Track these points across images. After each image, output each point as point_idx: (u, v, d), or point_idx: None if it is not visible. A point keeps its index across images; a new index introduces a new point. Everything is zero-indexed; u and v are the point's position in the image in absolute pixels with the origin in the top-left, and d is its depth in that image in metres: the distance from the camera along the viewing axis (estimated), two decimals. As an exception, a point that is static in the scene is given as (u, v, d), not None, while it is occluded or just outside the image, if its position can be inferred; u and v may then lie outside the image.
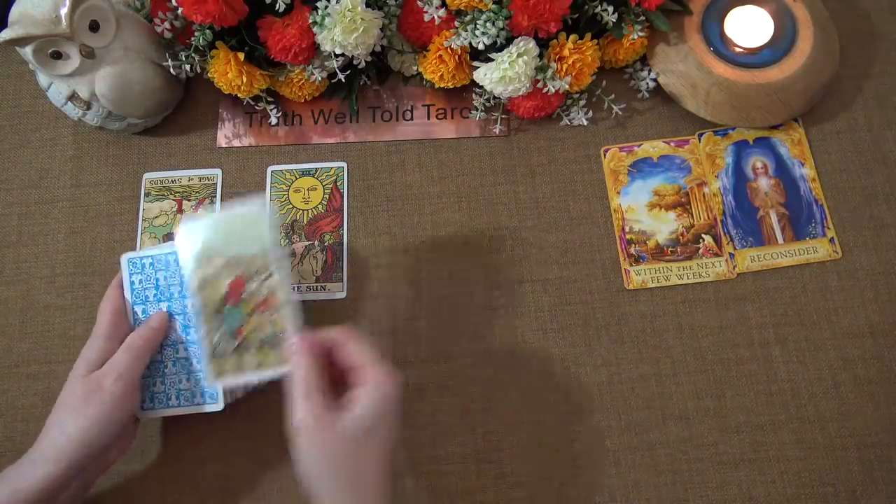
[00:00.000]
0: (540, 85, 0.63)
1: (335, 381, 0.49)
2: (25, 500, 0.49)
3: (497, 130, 0.70)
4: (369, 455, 0.46)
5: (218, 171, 0.70)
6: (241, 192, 0.69)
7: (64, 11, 0.58)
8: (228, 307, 0.52)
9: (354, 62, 0.65)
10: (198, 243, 0.53)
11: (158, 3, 0.64)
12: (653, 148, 0.68)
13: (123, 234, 0.69)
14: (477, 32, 0.61)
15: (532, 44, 0.62)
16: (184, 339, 0.56)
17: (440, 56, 0.64)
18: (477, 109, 0.68)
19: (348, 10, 0.59)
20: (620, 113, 0.68)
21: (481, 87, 0.65)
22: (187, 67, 0.65)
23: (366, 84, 0.71)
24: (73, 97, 0.64)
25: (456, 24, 0.63)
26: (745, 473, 0.59)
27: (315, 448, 0.46)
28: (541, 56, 0.63)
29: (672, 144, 0.68)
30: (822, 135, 0.68)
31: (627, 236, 0.66)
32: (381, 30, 0.64)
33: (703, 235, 0.65)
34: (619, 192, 0.67)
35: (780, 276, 0.64)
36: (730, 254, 0.65)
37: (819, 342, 0.62)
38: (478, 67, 0.64)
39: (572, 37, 0.63)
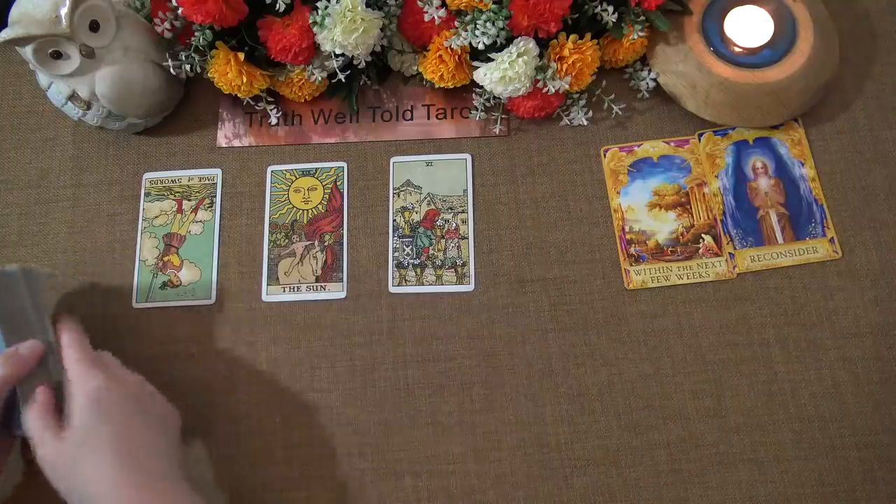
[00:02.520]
0: (540, 85, 0.63)
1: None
2: None
3: (497, 130, 0.70)
4: (98, 457, 0.49)
5: (218, 171, 0.70)
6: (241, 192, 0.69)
7: (64, 11, 0.58)
8: None
9: (354, 62, 0.65)
10: None
11: (158, 3, 0.64)
12: (653, 148, 0.68)
13: (123, 234, 0.69)
14: (477, 32, 0.61)
15: (532, 44, 0.62)
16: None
17: (440, 56, 0.64)
18: (477, 109, 0.68)
19: (348, 10, 0.59)
20: (620, 113, 0.68)
21: (481, 87, 0.65)
22: (187, 67, 0.65)
23: (366, 84, 0.71)
24: (73, 97, 0.64)
25: (456, 24, 0.63)
26: (745, 473, 0.59)
27: (56, 472, 0.50)
28: (541, 56, 0.63)
29: (672, 144, 0.68)
30: (822, 135, 0.68)
31: (627, 236, 0.66)
32: (381, 30, 0.64)
33: (703, 235, 0.65)
34: (619, 192, 0.67)
35: (780, 276, 0.64)
36: (730, 254, 0.65)
37: (819, 342, 0.62)
38: (478, 67, 0.64)
39: (572, 37, 0.63)
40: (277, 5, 0.60)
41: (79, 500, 0.49)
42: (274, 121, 0.70)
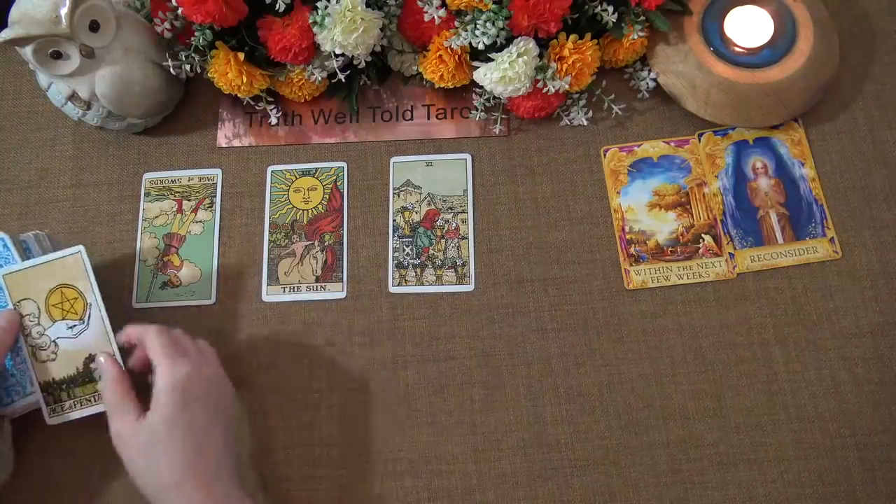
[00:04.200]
0: (540, 85, 0.63)
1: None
2: None
3: (497, 130, 0.70)
4: (177, 443, 0.51)
5: (218, 171, 0.70)
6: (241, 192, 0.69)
7: (64, 11, 0.58)
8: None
9: (354, 62, 0.65)
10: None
11: (158, 3, 0.64)
12: (653, 148, 0.68)
13: (123, 234, 0.69)
14: (477, 32, 0.61)
15: (532, 44, 0.62)
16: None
17: (440, 56, 0.64)
18: (477, 109, 0.68)
19: (348, 10, 0.59)
20: (620, 113, 0.68)
21: (481, 87, 0.65)
22: (187, 67, 0.65)
23: (366, 84, 0.71)
24: (73, 97, 0.64)
25: (456, 24, 0.63)
26: (745, 473, 0.59)
27: (132, 452, 0.52)
28: (541, 56, 0.63)
29: (672, 144, 0.68)
30: (822, 135, 0.68)
31: (627, 236, 0.66)
32: (381, 30, 0.64)
33: (703, 235, 0.65)
34: (619, 192, 0.67)
35: (780, 276, 0.64)
36: (730, 254, 0.65)
37: (819, 342, 0.62)
38: (478, 67, 0.64)
39: (572, 37, 0.63)
40: (277, 5, 0.60)
41: (142, 480, 0.52)
42: (274, 121, 0.70)
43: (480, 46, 0.62)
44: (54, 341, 0.58)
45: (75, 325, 0.58)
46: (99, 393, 0.57)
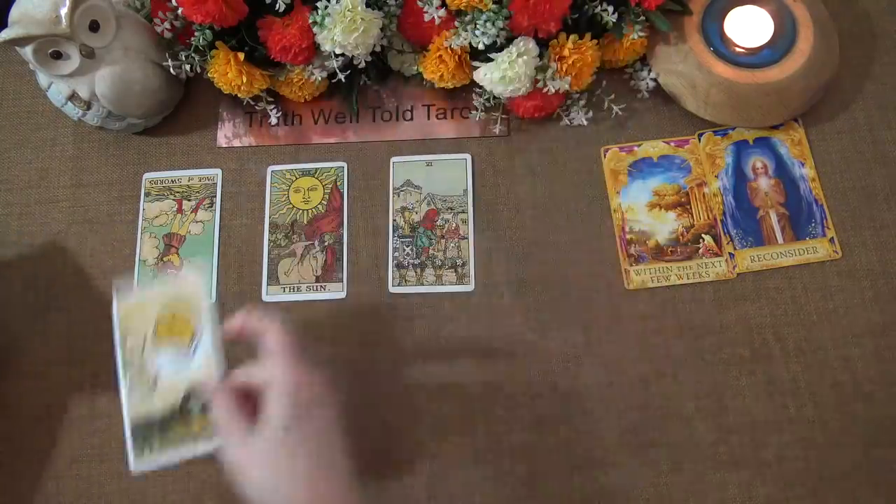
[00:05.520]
0: (540, 85, 0.63)
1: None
2: None
3: (497, 130, 0.70)
4: (298, 455, 0.46)
5: (218, 171, 0.70)
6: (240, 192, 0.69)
7: (64, 11, 0.58)
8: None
9: (354, 62, 0.65)
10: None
11: (158, 3, 0.64)
12: (653, 148, 0.68)
13: (123, 234, 0.69)
14: (477, 32, 0.61)
15: (532, 44, 0.62)
16: None
17: (440, 56, 0.64)
18: (477, 109, 0.68)
19: (348, 10, 0.59)
20: (620, 113, 0.68)
21: (481, 87, 0.65)
22: (187, 67, 0.65)
23: (366, 84, 0.71)
24: (73, 97, 0.64)
25: (456, 24, 0.63)
26: (745, 473, 0.59)
27: (250, 471, 0.47)
28: (541, 56, 0.63)
29: (672, 144, 0.68)
30: (822, 135, 0.68)
31: (627, 236, 0.66)
32: (381, 30, 0.64)
33: (703, 235, 0.65)
34: (619, 192, 0.67)
35: (780, 276, 0.64)
36: (730, 254, 0.65)
37: (819, 342, 0.62)
38: (478, 67, 0.64)
39: (572, 37, 0.63)
40: (277, 5, 0.60)
41: (260, 497, 0.46)
42: (274, 121, 0.70)
43: (480, 46, 0.62)
44: (157, 372, 0.51)
45: (180, 353, 0.51)
46: (194, 434, 0.50)
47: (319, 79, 0.66)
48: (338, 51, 0.62)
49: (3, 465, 0.62)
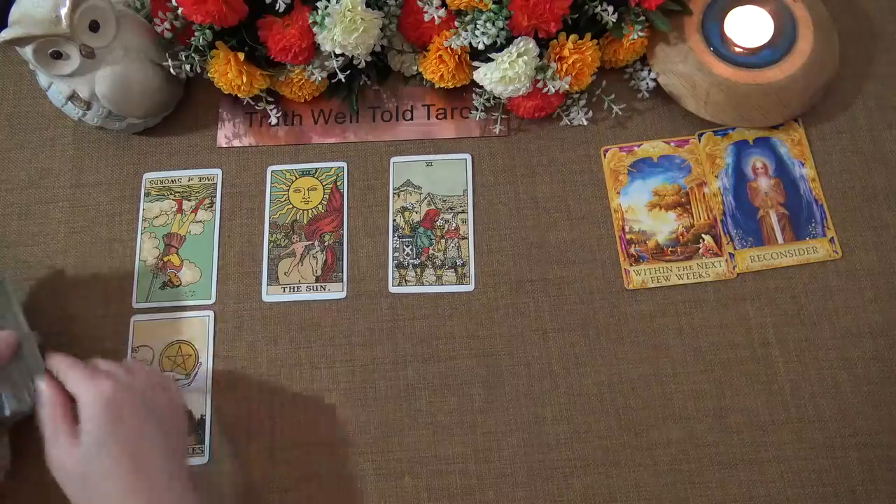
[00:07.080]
0: (540, 85, 0.63)
1: None
2: None
3: (497, 130, 0.70)
4: (112, 461, 0.49)
5: (218, 171, 0.70)
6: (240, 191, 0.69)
7: (64, 11, 0.58)
8: None
9: (354, 62, 0.65)
10: None
11: (158, 3, 0.64)
12: (653, 148, 0.68)
13: (123, 234, 0.69)
14: (477, 32, 0.61)
15: (532, 44, 0.62)
16: None
17: (440, 56, 0.64)
18: (477, 109, 0.68)
19: (348, 10, 0.59)
20: (620, 113, 0.68)
21: (481, 87, 0.65)
22: (187, 67, 0.65)
23: (366, 84, 0.71)
24: (73, 97, 0.64)
25: (456, 23, 0.63)
26: (745, 473, 0.59)
27: (67, 477, 0.49)
28: (541, 56, 0.63)
29: (672, 144, 0.68)
30: (822, 135, 0.68)
31: (627, 236, 0.66)
32: (381, 30, 0.64)
33: (703, 235, 0.65)
34: (619, 192, 0.67)
35: (780, 276, 0.64)
36: (730, 254, 0.65)
37: (819, 342, 0.62)
38: (478, 67, 0.64)
39: (572, 37, 0.63)
40: (277, 5, 0.60)
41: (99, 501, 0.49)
42: (274, 121, 0.70)
43: (480, 46, 0.62)
44: None
45: (181, 380, 0.63)
46: None
47: (319, 79, 0.66)
48: (338, 51, 0.62)
49: None
